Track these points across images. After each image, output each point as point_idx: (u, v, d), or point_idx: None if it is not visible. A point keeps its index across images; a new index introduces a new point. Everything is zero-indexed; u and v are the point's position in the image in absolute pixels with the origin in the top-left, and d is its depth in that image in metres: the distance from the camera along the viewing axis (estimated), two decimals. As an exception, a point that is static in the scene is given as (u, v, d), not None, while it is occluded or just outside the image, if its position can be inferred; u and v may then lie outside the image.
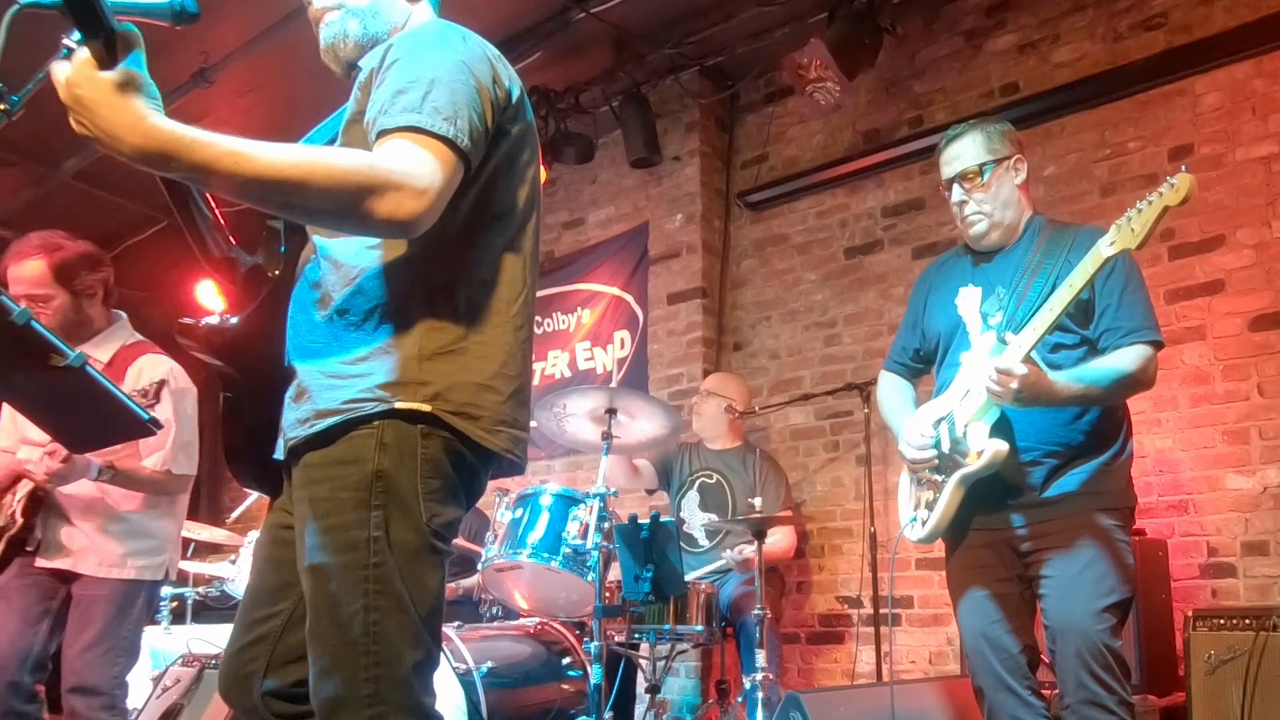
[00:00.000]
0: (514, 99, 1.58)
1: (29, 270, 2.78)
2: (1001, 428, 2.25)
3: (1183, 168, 2.02)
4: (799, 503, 4.67)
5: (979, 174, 2.39)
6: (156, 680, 3.40)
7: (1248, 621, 2.82)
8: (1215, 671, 2.83)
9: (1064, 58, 4.27)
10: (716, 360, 5.16)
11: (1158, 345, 2.26)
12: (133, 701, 3.33)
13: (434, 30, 1.56)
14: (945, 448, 2.32)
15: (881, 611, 4.13)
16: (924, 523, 2.38)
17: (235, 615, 1.62)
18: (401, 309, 1.49)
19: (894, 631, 4.34)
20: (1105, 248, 2.07)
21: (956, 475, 2.28)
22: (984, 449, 2.22)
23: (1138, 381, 2.24)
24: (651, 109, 5.16)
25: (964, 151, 2.41)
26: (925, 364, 2.65)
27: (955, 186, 2.42)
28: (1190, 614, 2.98)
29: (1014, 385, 2.10)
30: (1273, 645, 2.75)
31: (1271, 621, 2.77)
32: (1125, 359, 2.22)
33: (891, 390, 2.68)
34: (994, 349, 2.28)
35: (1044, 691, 2.30)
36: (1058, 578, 2.21)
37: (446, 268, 1.51)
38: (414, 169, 1.35)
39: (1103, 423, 2.30)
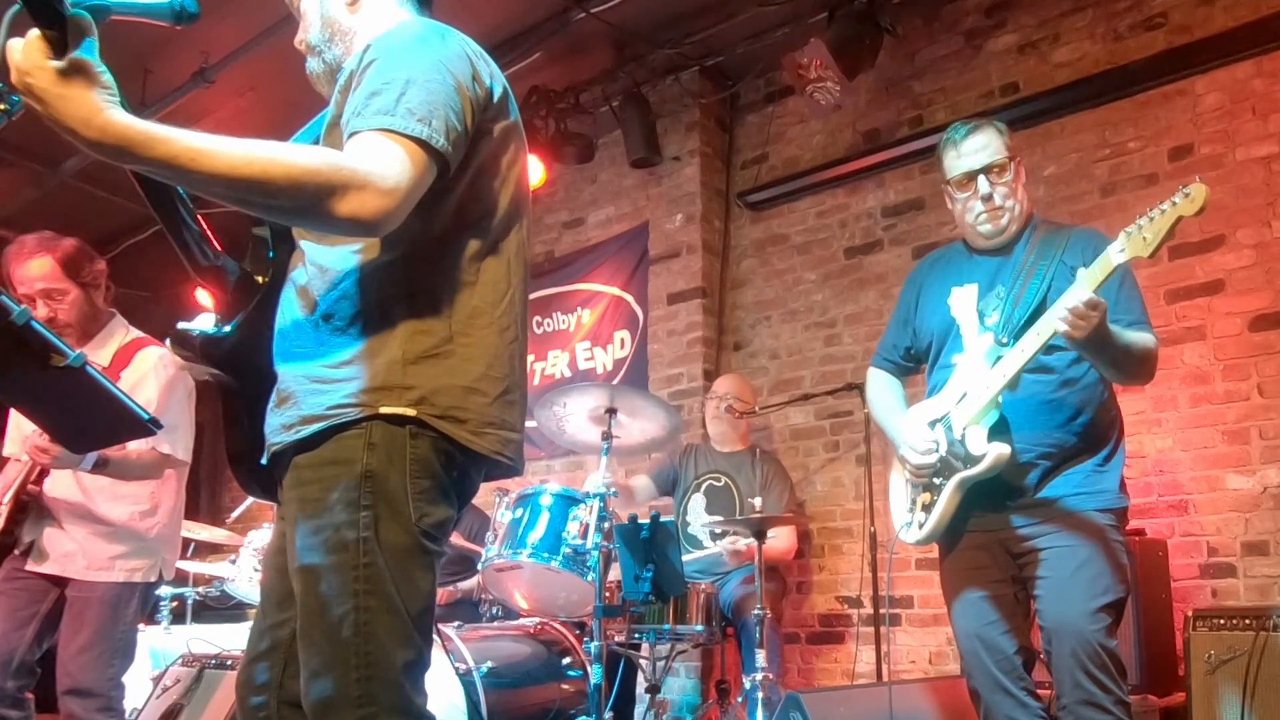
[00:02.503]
0: (495, 97, 1.56)
1: (38, 268, 2.79)
2: (998, 430, 2.25)
3: (1196, 178, 2.00)
4: (799, 503, 4.67)
5: (1006, 167, 2.39)
6: (156, 680, 3.39)
7: (1248, 621, 2.82)
8: (1215, 671, 2.83)
9: (1064, 58, 4.27)
10: (716, 360, 5.16)
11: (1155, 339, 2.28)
12: (133, 701, 3.32)
13: (412, 30, 1.54)
14: (942, 450, 2.32)
15: (881, 611, 4.13)
16: (920, 525, 2.38)
17: (252, 619, 1.61)
18: (386, 312, 1.48)
19: (894, 631, 4.34)
20: (1116, 254, 2.05)
21: (955, 479, 2.28)
22: (986, 453, 2.22)
23: (1151, 361, 2.25)
24: (651, 109, 5.15)
25: (989, 144, 2.40)
26: (916, 363, 2.64)
27: (982, 179, 2.39)
28: (1190, 614, 2.97)
29: (1096, 316, 2.03)
30: (1273, 645, 2.74)
31: (1271, 621, 2.77)
32: (1143, 338, 2.22)
33: (882, 388, 2.67)
34: (990, 350, 2.28)
35: (1040, 691, 2.30)
36: (1052, 578, 2.21)
37: (430, 270, 1.50)
38: (380, 168, 1.33)
39: (1095, 424, 2.30)
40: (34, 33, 1.19)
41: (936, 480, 2.34)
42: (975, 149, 2.40)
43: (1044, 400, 2.29)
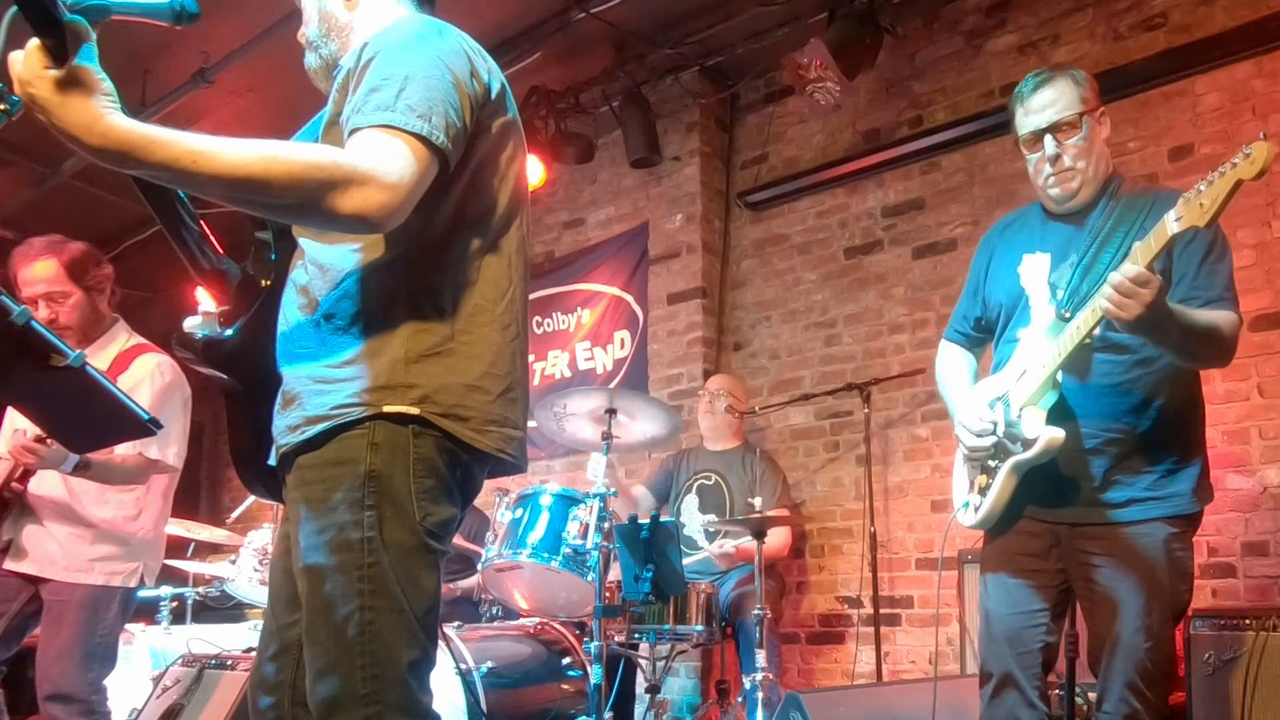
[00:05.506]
0: (494, 94, 1.56)
1: (42, 270, 2.80)
2: (1059, 412, 2.10)
3: (1261, 134, 1.79)
4: (799, 502, 4.67)
5: (1078, 125, 2.17)
6: (156, 680, 3.39)
7: (1248, 621, 2.82)
8: (1215, 671, 2.83)
9: (1064, 58, 4.27)
10: (716, 360, 5.16)
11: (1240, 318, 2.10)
12: (133, 701, 3.33)
13: (410, 26, 1.54)
14: (1000, 431, 2.18)
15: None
16: (976, 508, 2.25)
17: (252, 619, 1.61)
18: (387, 312, 1.48)
19: (894, 631, 4.34)
20: (1172, 224, 1.84)
21: (1010, 462, 2.14)
22: (1038, 436, 2.08)
23: (1228, 341, 2.06)
24: (651, 109, 5.15)
25: (1059, 99, 2.18)
26: (988, 333, 2.46)
27: (1048, 139, 2.18)
28: (1190, 614, 2.97)
29: (1147, 295, 1.86)
30: (1273, 645, 2.74)
31: (1271, 621, 2.77)
32: (1217, 316, 2.04)
33: (951, 362, 2.50)
34: (1052, 325, 2.13)
35: (1049, 692, 2.24)
36: (1110, 589, 2.10)
37: (431, 269, 1.50)
38: (382, 163, 1.33)
39: (1170, 413, 2.12)
40: (34, 42, 1.19)
41: (992, 463, 2.20)
42: (1043, 105, 2.19)
43: (1114, 383, 2.12)
